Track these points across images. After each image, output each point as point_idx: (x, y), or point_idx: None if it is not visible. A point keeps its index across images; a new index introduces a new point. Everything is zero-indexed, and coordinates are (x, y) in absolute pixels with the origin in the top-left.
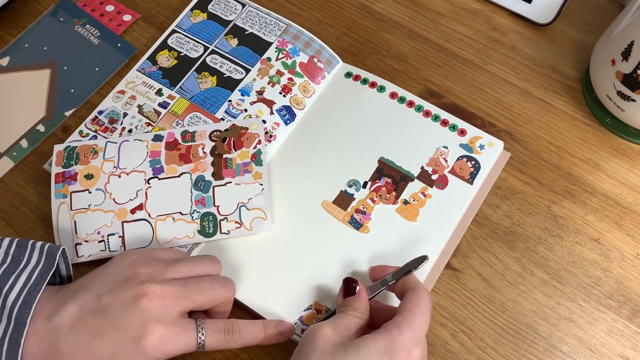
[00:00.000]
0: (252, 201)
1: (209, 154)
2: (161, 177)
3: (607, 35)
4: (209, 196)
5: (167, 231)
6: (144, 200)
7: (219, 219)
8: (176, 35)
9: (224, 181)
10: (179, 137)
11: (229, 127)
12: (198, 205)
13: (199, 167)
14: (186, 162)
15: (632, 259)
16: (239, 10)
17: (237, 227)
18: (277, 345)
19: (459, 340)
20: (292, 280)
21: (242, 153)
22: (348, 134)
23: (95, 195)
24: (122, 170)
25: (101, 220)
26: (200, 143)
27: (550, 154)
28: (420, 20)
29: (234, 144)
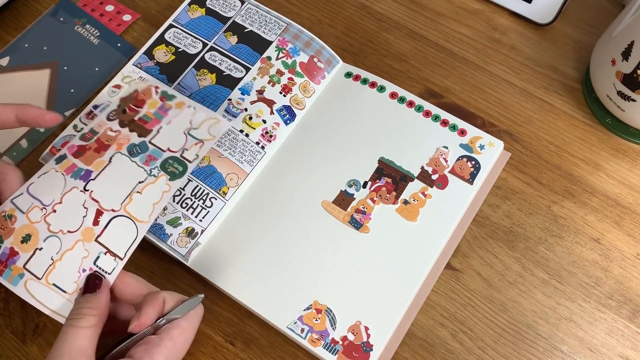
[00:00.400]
0: (194, 120)
1: (120, 128)
2: (94, 177)
3: (607, 35)
4: (153, 149)
5: (141, 206)
6: (96, 205)
7: (179, 154)
8: (173, 30)
9: (155, 130)
10: (79, 142)
11: (119, 102)
12: (150, 162)
13: (121, 141)
14: (105, 149)
15: (632, 259)
16: (238, 7)
17: (200, 145)
18: (277, 345)
19: (459, 340)
20: (292, 280)
21: (149, 104)
22: (348, 134)
23: (49, 245)
24: (52, 204)
25: (76, 258)
26: (105, 128)
27: (550, 154)
28: (420, 20)
29: (135, 106)
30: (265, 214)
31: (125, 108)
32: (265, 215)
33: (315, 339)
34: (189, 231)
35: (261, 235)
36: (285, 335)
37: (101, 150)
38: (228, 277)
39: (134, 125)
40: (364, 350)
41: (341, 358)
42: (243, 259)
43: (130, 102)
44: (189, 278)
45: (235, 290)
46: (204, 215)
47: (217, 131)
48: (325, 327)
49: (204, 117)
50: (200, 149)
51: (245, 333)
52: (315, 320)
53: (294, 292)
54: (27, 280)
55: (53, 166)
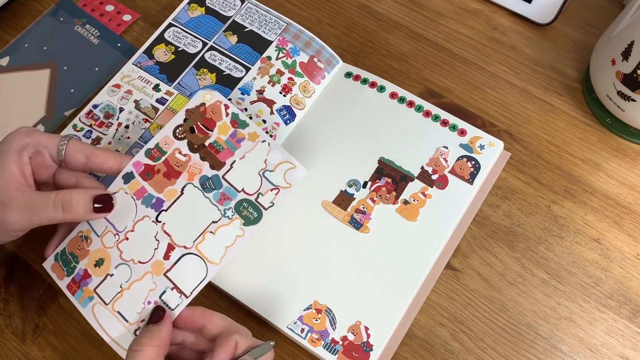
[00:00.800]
0: (269, 161)
1: (190, 152)
2: (167, 207)
3: (607, 35)
4: (227, 187)
5: (213, 248)
6: (168, 239)
7: (253, 198)
8: (173, 29)
9: (228, 164)
10: (146, 160)
11: (185, 115)
12: (224, 202)
13: (193, 170)
14: (176, 176)
15: (632, 259)
16: (238, 6)
17: (275, 192)
18: (278, 345)
19: (459, 340)
20: (292, 280)
21: (220, 128)
22: (348, 134)
23: (120, 272)
24: (124, 231)
25: (143, 289)
26: (173, 149)
27: (550, 154)
28: (420, 20)
29: (204, 126)
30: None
31: (192, 126)
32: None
33: (315, 339)
34: None
35: (261, 236)
36: (285, 335)
37: (171, 177)
38: (228, 277)
39: (205, 153)
40: (364, 350)
41: (341, 358)
42: (243, 259)
43: (197, 119)
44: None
45: (235, 290)
46: None
47: (294, 178)
48: (325, 327)
49: (280, 159)
50: (275, 197)
51: None
52: (315, 320)
53: (294, 292)
54: (95, 304)
55: (121, 186)
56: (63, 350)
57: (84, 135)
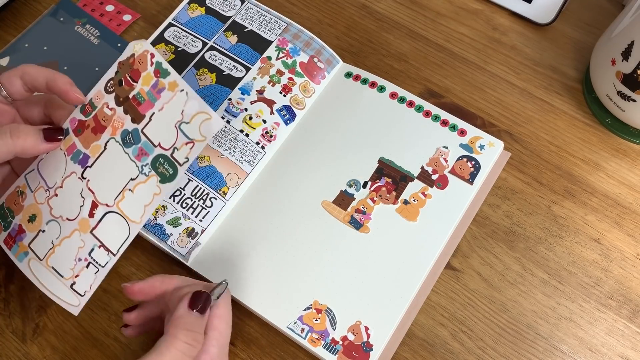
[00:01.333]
0: (186, 111)
1: (116, 106)
2: (91, 164)
3: (607, 35)
4: (145, 142)
5: (133, 206)
6: (92, 196)
7: (169, 153)
8: (173, 29)
9: (147, 116)
10: (80, 116)
11: (117, 68)
12: (142, 158)
13: (116, 124)
14: (101, 131)
15: (632, 259)
16: (238, 6)
17: (190, 146)
18: (277, 345)
19: (459, 340)
20: (292, 279)
21: (144, 78)
22: (348, 134)
23: (50, 228)
24: (54, 187)
25: (73, 247)
26: (103, 103)
27: (550, 154)
28: (420, 20)
29: (131, 77)
30: (265, 214)
31: (121, 78)
32: (265, 215)
33: (315, 339)
34: (189, 231)
35: (261, 235)
36: (285, 335)
37: (97, 132)
38: (228, 277)
39: (128, 106)
40: (364, 350)
41: (341, 358)
42: (243, 259)
43: (126, 71)
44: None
45: (235, 290)
46: (204, 215)
47: (209, 131)
48: (325, 327)
49: (197, 109)
50: (190, 151)
51: (245, 333)
52: (315, 320)
53: (294, 292)
54: (30, 259)
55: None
56: (63, 350)
57: None
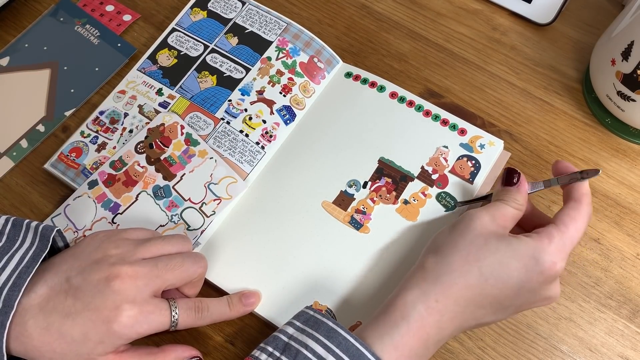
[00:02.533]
0: (214, 175)
1: (147, 165)
2: (122, 211)
3: (607, 35)
4: (176, 196)
5: None
6: None
7: (198, 207)
8: (176, 34)
9: (179, 176)
10: (110, 170)
11: (147, 133)
12: (172, 209)
13: (148, 180)
14: (133, 184)
15: (632, 259)
16: (239, 8)
17: (217, 202)
18: None
19: (459, 340)
20: (292, 280)
21: (175, 145)
22: (348, 134)
23: None
24: (83, 229)
25: None
26: (133, 161)
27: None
28: (420, 20)
29: (162, 143)
30: (265, 214)
31: (152, 142)
32: (265, 216)
33: None
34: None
35: (261, 236)
36: None
37: (129, 185)
38: (228, 277)
39: (160, 166)
40: None
41: None
42: (243, 259)
43: (157, 137)
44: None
45: (235, 290)
46: None
47: (235, 191)
48: None
49: (224, 174)
50: (217, 206)
51: (245, 333)
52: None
53: (294, 292)
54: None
55: (86, 190)
56: None
57: (90, 141)
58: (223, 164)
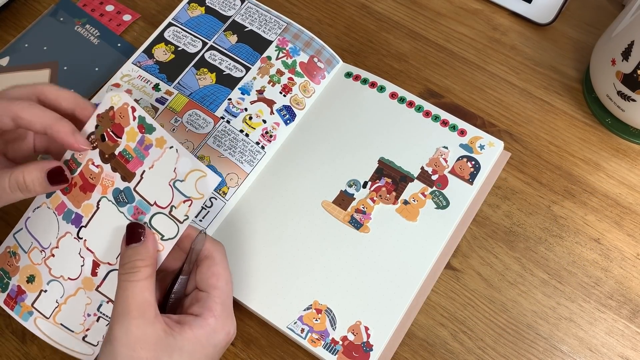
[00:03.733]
0: (179, 169)
1: (102, 163)
2: (85, 224)
3: (607, 35)
4: (140, 200)
5: None
6: (92, 256)
7: (167, 212)
8: (173, 29)
9: (138, 175)
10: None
11: (97, 122)
12: (139, 217)
13: (105, 182)
14: (91, 189)
15: (632, 259)
16: (238, 6)
17: (188, 204)
18: (277, 345)
19: (459, 340)
20: (292, 280)
21: (128, 134)
22: (348, 134)
23: (53, 288)
24: (50, 247)
25: (79, 304)
26: (87, 160)
27: (550, 154)
28: (420, 20)
29: (113, 133)
30: (265, 214)
31: (103, 133)
32: (265, 215)
33: (315, 339)
34: None
35: (261, 236)
36: (285, 335)
37: (87, 190)
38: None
39: (116, 163)
40: (364, 350)
41: (341, 358)
42: (243, 259)
43: (107, 126)
44: None
45: (235, 290)
46: (204, 215)
47: (206, 188)
48: (325, 327)
49: (190, 167)
50: (189, 208)
51: (245, 333)
52: (315, 320)
53: (294, 292)
54: (36, 318)
55: (44, 200)
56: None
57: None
58: (186, 153)
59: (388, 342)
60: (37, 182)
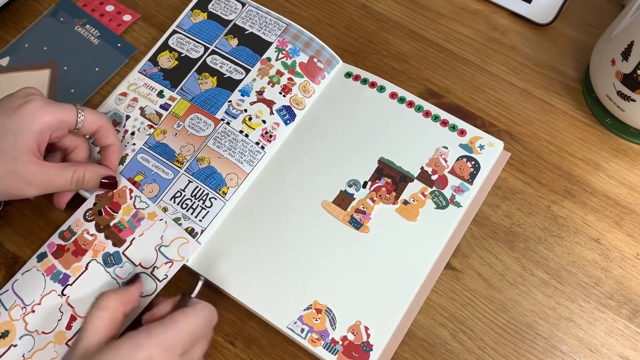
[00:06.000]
0: (165, 237)
1: (97, 232)
2: (72, 282)
3: (607, 35)
4: (125, 262)
5: None
6: (71, 311)
7: (150, 272)
8: (177, 36)
9: (128, 241)
10: (59, 241)
11: (95, 200)
12: (123, 276)
13: (97, 247)
14: (82, 254)
15: (632, 259)
16: (239, 9)
17: (169, 265)
18: (277, 345)
19: (459, 341)
20: (292, 280)
21: (124, 209)
22: (348, 134)
23: (23, 343)
24: (32, 304)
25: (45, 359)
26: (82, 230)
27: (550, 154)
28: (420, 20)
29: (111, 209)
30: (265, 214)
31: (101, 209)
32: (265, 215)
33: (315, 339)
34: (189, 231)
35: (261, 235)
36: (285, 335)
37: (79, 254)
38: (228, 277)
39: (109, 232)
40: (364, 350)
41: (341, 358)
42: (243, 259)
43: (105, 203)
44: (189, 278)
45: (235, 290)
46: (203, 216)
47: (187, 252)
48: (325, 327)
49: (175, 235)
50: (169, 269)
51: (245, 333)
52: (315, 320)
53: (294, 292)
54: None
55: (35, 264)
56: None
57: (92, 143)
58: (174, 225)
59: (388, 342)
60: (92, 182)
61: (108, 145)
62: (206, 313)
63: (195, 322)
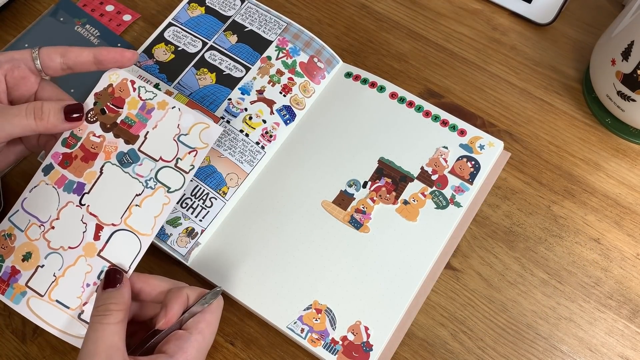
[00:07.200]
0: (182, 125)
1: (104, 133)
2: (88, 190)
3: (607, 35)
4: (145, 158)
5: (142, 220)
6: (95, 220)
7: (173, 164)
8: (173, 29)
9: (142, 136)
10: (63, 149)
11: (95, 99)
12: (145, 173)
13: (109, 148)
14: (93, 158)
15: (632, 259)
16: (238, 5)
17: (194, 154)
18: (278, 345)
19: (459, 340)
20: (292, 280)
21: (129, 103)
22: (348, 134)
23: (51, 261)
24: (49, 220)
25: (79, 273)
26: (88, 133)
27: (550, 154)
28: (420, 20)
29: (114, 105)
30: (265, 213)
31: (103, 107)
32: (265, 215)
33: (315, 339)
34: (189, 231)
35: (261, 235)
36: (285, 335)
37: (89, 159)
38: (228, 277)
39: (118, 130)
40: (364, 350)
41: (341, 358)
42: (243, 259)
43: (107, 101)
44: (189, 278)
45: (235, 290)
46: (204, 215)
47: (209, 138)
48: (325, 327)
49: (193, 121)
50: (194, 158)
51: (245, 333)
52: (315, 320)
53: (294, 292)
54: (29, 298)
55: (42, 178)
56: (63, 350)
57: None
58: (189, 110)
59: (388, 342)
60: (52, 112)
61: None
62: (220, 308)
63: (216, 324)
